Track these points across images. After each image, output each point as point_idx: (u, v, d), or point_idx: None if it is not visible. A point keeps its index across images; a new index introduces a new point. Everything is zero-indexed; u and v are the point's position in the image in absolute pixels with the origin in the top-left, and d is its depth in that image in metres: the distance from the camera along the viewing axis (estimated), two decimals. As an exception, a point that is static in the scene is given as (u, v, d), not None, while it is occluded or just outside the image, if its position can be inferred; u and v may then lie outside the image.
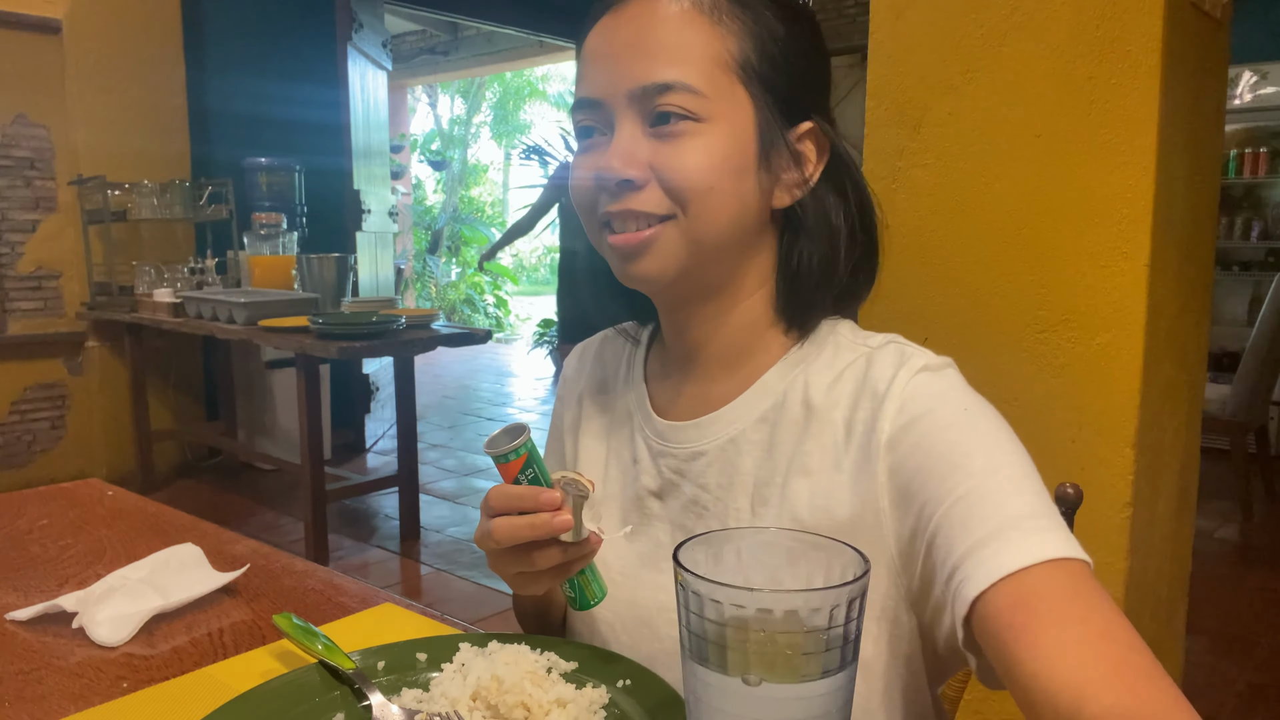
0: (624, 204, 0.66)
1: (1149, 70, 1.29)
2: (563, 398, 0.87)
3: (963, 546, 0.56)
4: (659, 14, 0.65)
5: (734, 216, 0.66)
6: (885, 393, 0.63)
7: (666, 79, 0.63)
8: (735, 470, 0.69)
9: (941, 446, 0.60)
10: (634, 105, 0.65)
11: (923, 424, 0.61)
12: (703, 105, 0.64)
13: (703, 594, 0.43)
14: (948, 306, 1.48)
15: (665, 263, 0.66)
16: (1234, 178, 4.92)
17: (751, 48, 0.65)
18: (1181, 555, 1.67)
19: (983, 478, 0.58)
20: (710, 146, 0.64)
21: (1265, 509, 3.90)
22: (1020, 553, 0.54)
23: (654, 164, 0.65)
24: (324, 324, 3.03)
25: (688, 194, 0.64)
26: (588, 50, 0.69)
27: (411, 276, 10.33)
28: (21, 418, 4.03)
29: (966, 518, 0.57)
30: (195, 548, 0.91)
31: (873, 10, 1.52)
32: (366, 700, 0.62)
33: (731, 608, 0.43)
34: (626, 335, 0.83)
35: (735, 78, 0.65)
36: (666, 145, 0.64)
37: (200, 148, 4.41)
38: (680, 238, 0.66)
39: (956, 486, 0.58)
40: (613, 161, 0.65)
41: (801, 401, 0.68)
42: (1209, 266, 1.67)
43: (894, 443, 0.62)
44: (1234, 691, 2.40)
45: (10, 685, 0.69)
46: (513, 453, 0.61)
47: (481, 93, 12.81)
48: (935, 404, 0.62)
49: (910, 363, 0.64)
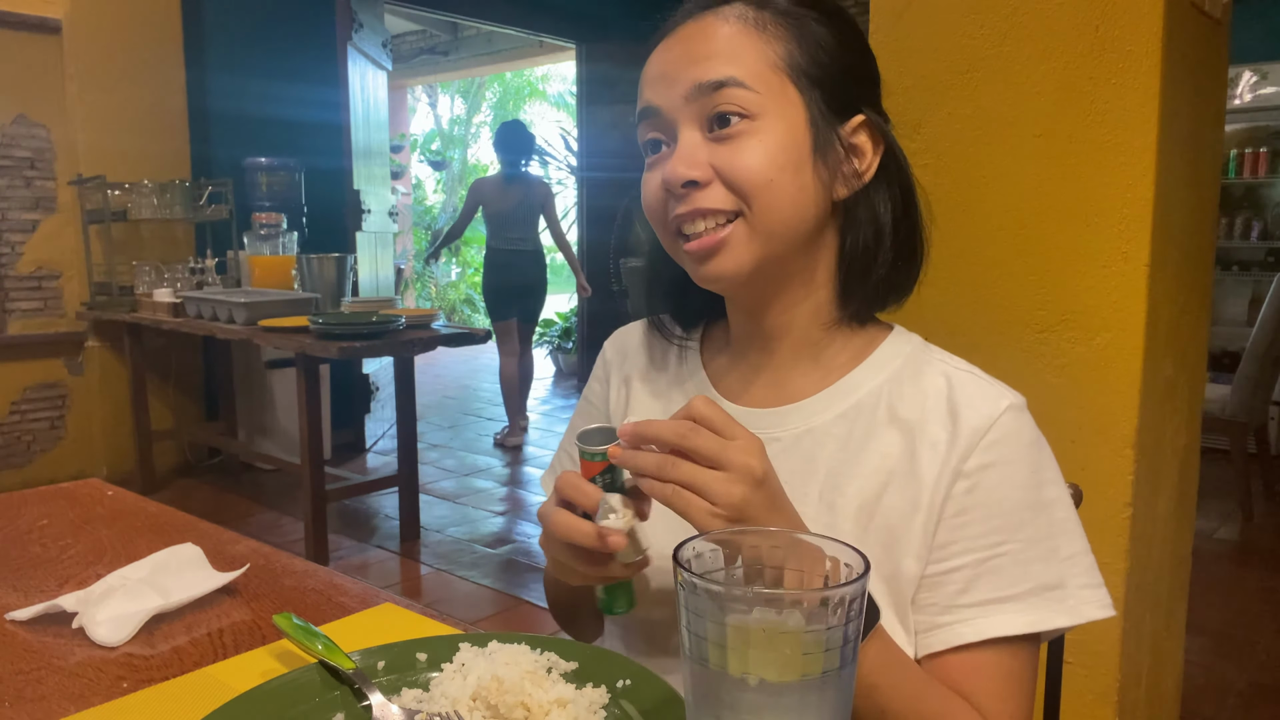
0: (691, 204, 0.70)
1: (1149, 70, 1.29)
2: (604, 379, 0.90)
3: (980, 596, 0.67)
4: (709, 29, 0.70)
5: (797, 207, 0.69)
6: (973, 425, 0.69)
7: (720, 76, 0.68)
8: (810, 460, 0.73)
9: (1007, 501, 0.68)
10: (691, 107, 0.69)
11: (1001, 471, 0.69)
12: (756, 101, 0.68)
13: (703, 594, 0.43)
14: (948, 306, 1.48)
15: (740, 260, 0.70)
16: (1234, 178, 4.91)
17: (798, 50, 0.70)
18: (1181, 555, 1.67)
19: (1026, 546, 0.68)
20: (766, 142, 0.68)
21: (1265, 509, 3.90)
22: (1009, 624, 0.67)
23: (715, 164, 0.69)
24: (324, 324, 3.03)
25: (750, 188, 0.68)
26: (646, 73, 0.74)
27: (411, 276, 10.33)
28: (21, 418, 4.03)
29: (995, 574, 0.67)
30: (195, 548, 0.91)
31: (873, 10, 1.52)
32: (366, 700, 0.62)
33: (732, 608, 0.43)
34: (669, 335, 0.85)
35: (785, 77, 0.69)
36: (725, 146, 0.68)
37: (200, 148, 4.41)
38: (749, 233, 0.69)
39: (1002, 543, 0.68)
40: (677, 166, 0.69)
41: (887, 407, 0.73)
42: (1209, 266, 1.67)
43: (971, 472, 0.69)
44: (1234, 691, 2.40)
45: (10, 685, 0.69)
46: (601, 454, 0.62)
47: (481, 93, 12.81)
48: (1018, 456, 0.69)
49: (998, 401, 0.70)
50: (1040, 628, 0.67)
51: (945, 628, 0.68)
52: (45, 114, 3.98)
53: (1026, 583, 0.67)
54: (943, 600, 0.68)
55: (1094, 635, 1.40)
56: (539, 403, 6.52)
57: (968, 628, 0.67)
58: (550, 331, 7.58)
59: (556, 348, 7.51)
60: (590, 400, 0.91)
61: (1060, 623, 0.67)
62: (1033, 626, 0.67)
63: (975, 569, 0.67)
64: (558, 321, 7.56)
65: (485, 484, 4.37)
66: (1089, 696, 1.41)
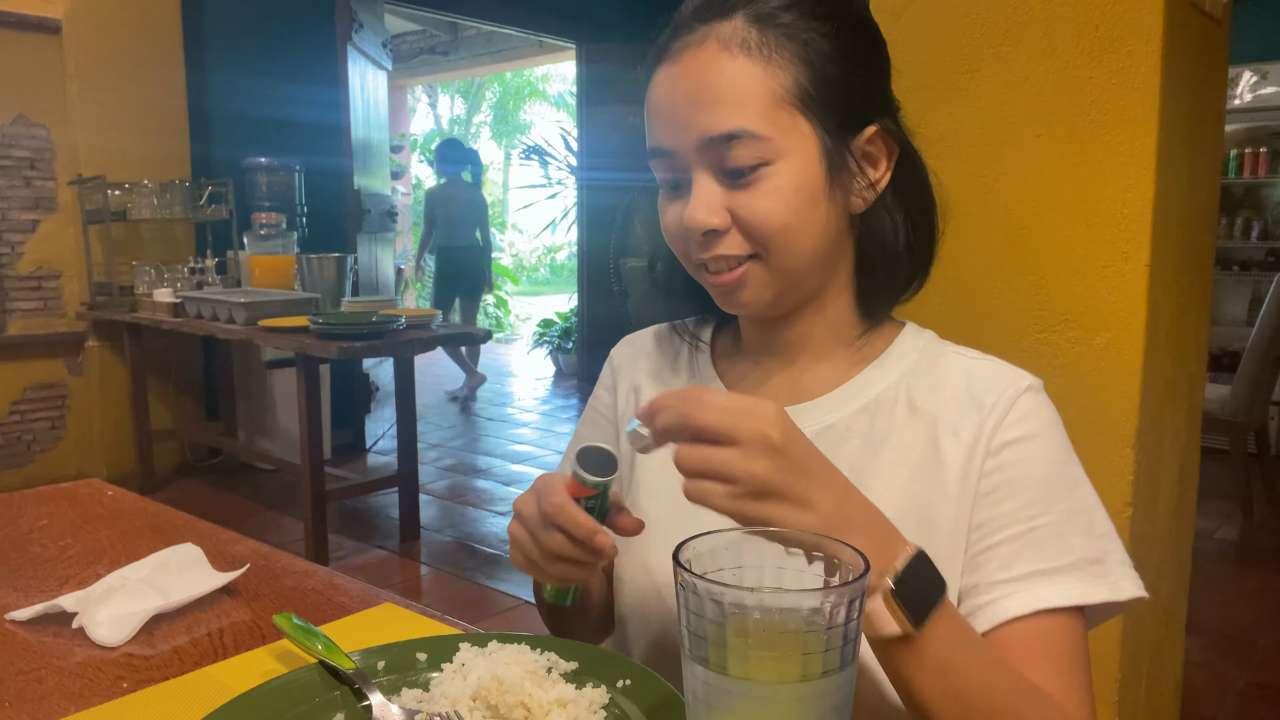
0: (712, 251, 0.71)
1: (1149, 70, 1.29)
2: (611, 388, 0.90)
3: (1021, 569, 0.66)
4: (712, 63, 0.68)
5: (814, 242, 0.70)
6: (994, 405, 0.70)
7: (730, 128, 0.67)
8: (832, 455, 0.72)
9: (1038, 474, 0.68)
10: (704, 155, 0.69)
11: (1029, 445, 0.69)
12: (768, 148, 0.67)
13: (703, 594, 0.43)
14: (948, 306, 1.48)
15: (760, 294, 0.72)
16: (1234, 178, 4.91)
17: (804, 75, 0.68)
18: (1181, 555, 1.67)
19: (1062, 518, 0.67)
20: (781, 187, 0.68)
21: (1265, 509, 3.90)
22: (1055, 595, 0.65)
23: (732, 209, 0.69)
24: (324, 324, 3.03)
25: (766, 234, 0.69)
26: (651, 100, 0.73)
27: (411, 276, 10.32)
28: (21, 418, 4.03)
29: (1035, 547, 0.67)
30: (195, 548, 0.91)
31: (872, 11, 1.52)
32: (366, 700, 0.62)
33: (731, 608, 0.43)
34: (683, 333, 0.86)
35: (795, 109, 0.68)
36: (742, 193, 0.69)
37: (200, 148, 4.40)
38: (767, 273, 0.71)
39: (1038, 515, 0.67)
40: (696, 214, 0.69)
41: (906, 400, 0.73)
42: (1209, 266, 1.67)
43: (999, 449, 0.69)
44: (1234, 691, 2.40)
45: (10, 685, 0.69)
46: (597, 484, 0.61)
47: (481, 93, 12.81)
48: (1044, 430, 0.70)
49: (1017, 381, 0.71)
50: (1087, 600, 0.66)
51: (993, 603, 0.66)
52: (45, 114, 3.98)
53: (1069, 555, 0.66)
54: (986, 578, 0.67)
55: (1094, 635, 1.39)
56: (539, 403, 6.51)
57: (1015, 600, 0.65)
58: (550, 331, 7.57)
59: (556, 348, 7.51)
60: (597, 409, 0.91)
61: (1104, 596, 0.66)
62: (1080, 599, 0.66)
63: (1015, 543, 0.67)
64: (558, 321, 7.56)
65: (485, 484, 4.37)
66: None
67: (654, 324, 0.90)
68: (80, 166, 4.02)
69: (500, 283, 11.52)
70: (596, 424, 0.90)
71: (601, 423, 0.90)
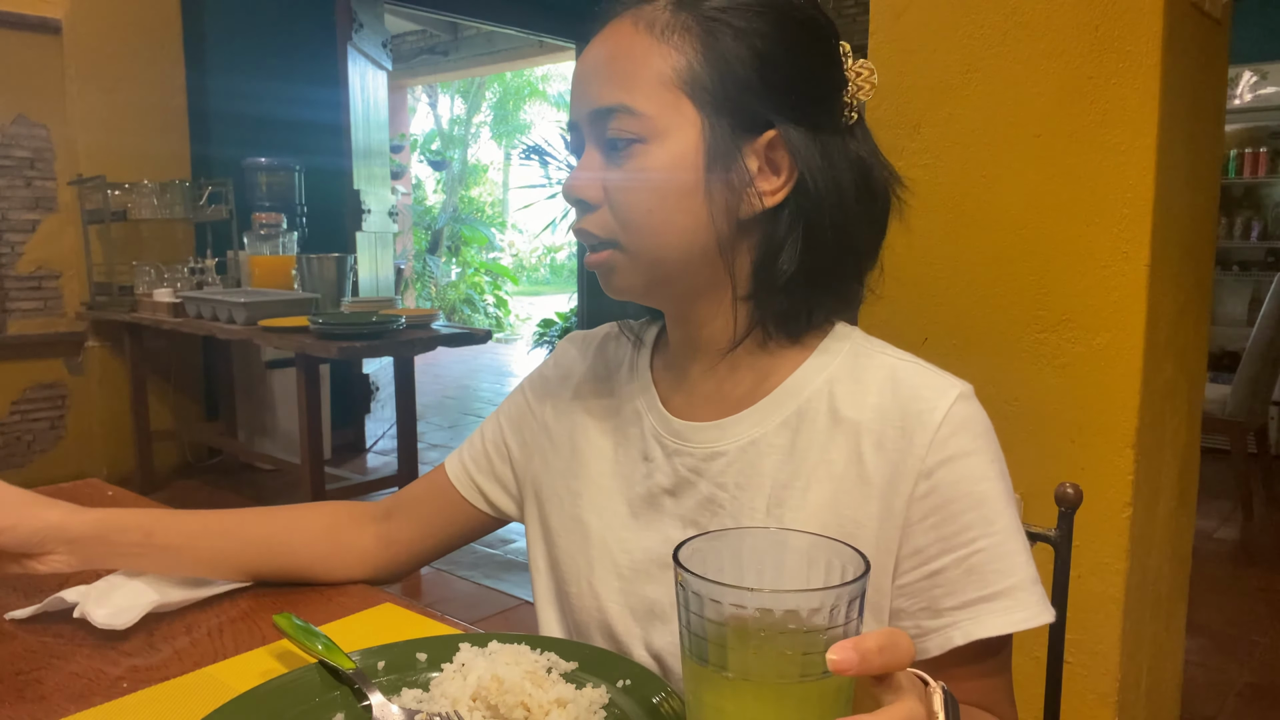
0: (580, 223, 0.71)
1: (1149, 70, 1.29)
2: (548, 378, 0.87)
3: (966, 595, 0.65)
4: (615, 38, 0.69)
5: (681, 232, 0.68)
6: (921, 417, 0.66)
7: (610, 102, 0.67)
8: (755, 471, 0.71)
9: (976, 494, 0.66)
10: (592, 128, 0.69)
11: (965, 463, 0.66)
12: (644, 125, 0.66)
13: (703, 594, 0.43)
14: (947, 306, 1.48)
15: (628, 281, 0.71)
16: (1234, 178, 4.91)
17: (701, 64, 0.66)
18: (1181, 555, 1.67)
19: (1003, 538, 0.65)
20: (652, 166, 0.66)
21: (1265, 509, 3.90)
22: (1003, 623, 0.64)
23: (607, 186, 0.68)
24: (324, 324, 3.03)
25: (628, 216, 0.68)
26: (573, 75, 0.74)
27: (411, 276, 10.33)
28: (21, 418, 4.03)
29: (980, 569, 0.65)
30: (195, 548, 0.91)
31: (872, 11, 1.52)
32: (366, 700, 0.62)
33: (731, 608, 0.43)
34: (630, 333, 0.84)
35: (680, 93, 0.66)
36: (617, 170, 0.68)
37: (200, 148, 4.40)
38: (629, 261, 0.70)
39: (979, 538, 0.65)
40: (572, 182, 0.69)
41: (827, 410, 0.70)
42: (1209, 266, 1.67)
43: (932, 470, 0.66)
44: (1234, 691, 2.40)
45: (10, 685, 0.69)
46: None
47: (481, 93, 12.81)
48: (978, 445, 0.67)
49: (946, 393, 0.67)
50: (1032, 624, 0.64)
51: (936, 633, 0.65)
52: (45, 114, 3.98)
53: (1012, 576, 0.64)
54: (933, 604, 0.66)
55: (1094, 635, 1.40)
56: (539, 403, 6.51)
57: (957, 631, 0.64)
58: (550, 332, 7.58)
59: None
60: (525, 393, 0.88)
61: (1040, 620, 0.64)
62: (1025, 624, 0.64)
63: (958, 568, 0.65)
64: (558, 321, 7.56)
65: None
66: (1089, 696, 1.41)
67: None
68: (80, 166, 4.02)
69: (501, 283, 11.53)
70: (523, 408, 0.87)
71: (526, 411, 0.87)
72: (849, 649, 0.40)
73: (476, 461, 0.89)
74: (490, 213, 13.16)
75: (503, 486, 0.88)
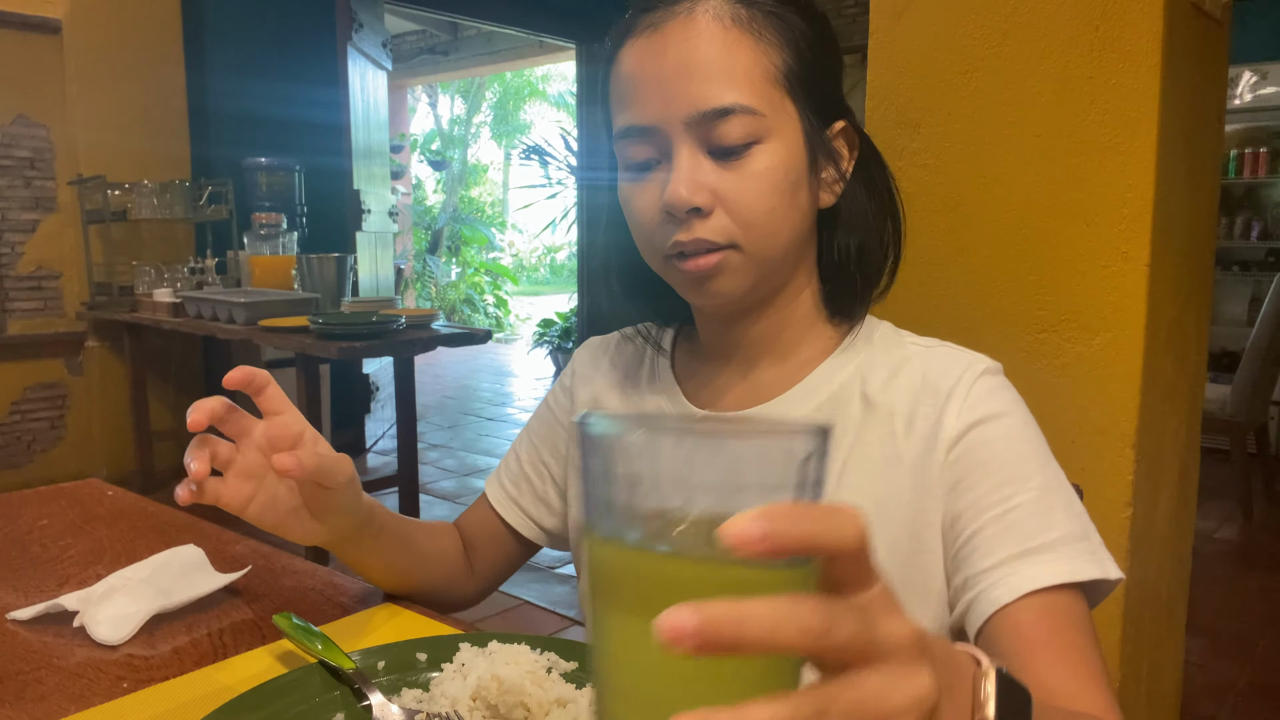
0: (693, 234, 0.66)
1: (1149, 70, 1.29)
2: (569, 389, 0.88)
3: (1005, 552, 0.62)
4: (703, 33, 0.65)
5: (793, 231, 0.69)
6: (950, 391, 0.67)
7: (726, 102, 0.64)
8: None
9: (1008, 453, 0.65)
10: (692, 131, 0.65)
11: (994, 426, 0.66)
12: (761, 125, 0.65)
13: (638, 476, 0.31)
14: (947, 306, 1.48)
15: (737, 283, 0.68)
16: (1234, 178, 4.91)
17: (791, 56, 0.66)
18: (1181, 555, 1.67)
19: (1042, 494, 0.63)
20: (772, 167, 0.66)
21: (1265, 509, 3.90)
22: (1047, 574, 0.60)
23: (718, 189, 0.65)
24: (324, 324, 3.03)
25: (752, 217, 0.66)
26: (629, 73, 0.68)
27: (411, 276, 10.33)
28: (21, 418, 4.03)
29: (1016, 527, 0.62)
30: (197, 549, 0.91)
31: (872, 11, 1.52)
32: (366, 700, 0.62)
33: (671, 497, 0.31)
34: (644, 337, 0.84)
35: (783, 90, 0.66)
36: (729, 172, 0.65)
37: (200, 148, 4.40)
38: (745, 261, 0.68)
39: (1014, 495, 0.63)
40: (680, 190, 0.65)
41: (859, 395, 0.71)
42: (1209, 266, 1.67)
43: (959, 436, 0.66)
44: (1234, 691, 2.39)
45: (10, 685, 0.69)
46: None
47: (481, 93, 12.81)
48: (1007, 409, 0.67)
49: (973, 366, 0.69)
50: (1076, 577, 0.60)
51: (981, 595, 0.61)
52: (45, 114, 3.98)
53: (1052, 531, 0.61)
54: (972, 569, 0.63)
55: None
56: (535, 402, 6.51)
57: (1002, 587, 0.60)
58: (550, 331, 7.57)
59: (556, 348, 7.50)
60: (551, 407, 0.89)
61: (1094, 573, 0.61)
62: (1070, 575, 0.60)
63: (994, 526, 0.62)
64: (558, 321, 7.56)
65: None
66: (1089, 696, 1.41)
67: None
68: (80, 166, 4.02)
69: (501, 283, 11.52)
70: (549, 422, 0.89)
71: (553, 422, 0.88)
72: (745, 520, 0.27)
73: (516, 484, 0.90)
74: (490, 213, 13.16)
75: (546, 505, 0.89)
